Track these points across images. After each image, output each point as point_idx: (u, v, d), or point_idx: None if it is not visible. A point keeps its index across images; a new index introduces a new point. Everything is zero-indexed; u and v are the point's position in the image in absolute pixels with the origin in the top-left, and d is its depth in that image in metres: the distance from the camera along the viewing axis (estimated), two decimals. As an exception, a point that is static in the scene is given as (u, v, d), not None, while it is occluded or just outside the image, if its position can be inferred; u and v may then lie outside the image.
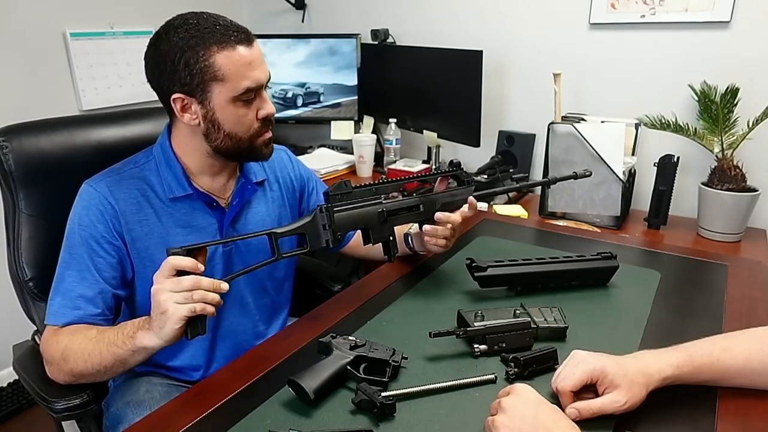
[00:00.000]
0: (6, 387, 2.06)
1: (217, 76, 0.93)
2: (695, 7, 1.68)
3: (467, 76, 1.94)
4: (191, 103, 0.96)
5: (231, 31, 0.94)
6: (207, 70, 0.93)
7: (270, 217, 1.15)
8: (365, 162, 2.26)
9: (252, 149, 1.02)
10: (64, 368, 0.91)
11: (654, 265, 1.22)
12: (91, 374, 0.91)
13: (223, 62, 0.93)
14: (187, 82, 0.94)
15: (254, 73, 0.96)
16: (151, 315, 0.84)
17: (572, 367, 0.75)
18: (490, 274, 1.06)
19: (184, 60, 0.93)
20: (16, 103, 1.94)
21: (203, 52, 0.92)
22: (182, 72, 0.93)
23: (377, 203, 1.06)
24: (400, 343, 0.90)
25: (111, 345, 0.88)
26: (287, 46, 2.39)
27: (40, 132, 1.15)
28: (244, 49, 0.95)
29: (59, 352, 0.91)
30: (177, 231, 1.03)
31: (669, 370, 0.74)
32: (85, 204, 0.99)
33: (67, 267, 0.96)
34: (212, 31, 0.93)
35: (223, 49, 0.93)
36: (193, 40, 0.92)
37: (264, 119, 1.01)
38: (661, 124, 1.65)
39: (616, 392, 0.72)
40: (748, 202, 1.55)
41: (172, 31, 0.94)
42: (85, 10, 2.12)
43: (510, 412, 0.67)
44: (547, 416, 0.67)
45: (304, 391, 0.76)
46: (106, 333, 0.90)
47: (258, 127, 1.01)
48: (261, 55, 0.98)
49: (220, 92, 0.95)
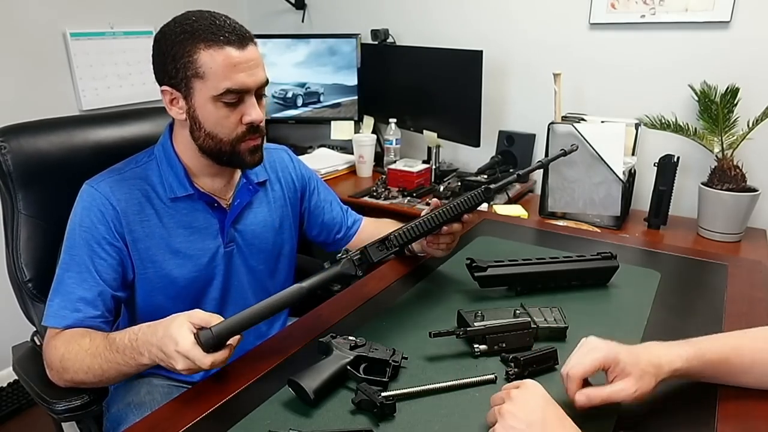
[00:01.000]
0: (6, 387, 2.06)
1: (198, 73, 0.92)
2: (695, 7, 1.68)
3: (467, 76, 1.94)
4: (178, 97, 0.97)
5: (223, 31, 0.92)
6: (190, 66, 0.92)
7: (271, 217, 1.15)
8: (365, 162, 2.26)
9: (234, 154, 0.99)
10: (64, 376, 0.91)
11: (654, 265, 1.22)
12: (93, 383, 0.91)
13: (205, 60, 0.92)
14: (173, 75, 0.94)
15: (239, 76, 0.93)
16: (157, 356, 0.81)
17: (584, 353, 0.74)
18: (490, 274, 1.06)
19: (172, 53, 0.93)
20: (16, 103, 1.94)
21: (189, 48, 0.92)
22: (170, 65, 0.94)
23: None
24: (400, 343, 0.90)
25: (111, 362, 0.86)
26: (287, 46, 2.39)
27: (38, 132, 1.15)
28: (233, 50, 0.92)
29: (58, 361, 0.90)
30: (178, 231, 1.03)
31: (679, 363, 0.74)
32: (86, 205, 0.98)
33: (67, 268, 0.96)
34: (205, 29, 0.92)
35: (209, 48, 0.91)
36: (184, 35, 0.92)
37: (249, 125, 0.98)
38: (661, 124, 1.65)
39: (626, 380, 0.71)
40: (748, 202, 1.55)
41: (171, 25, 0.95)
42: (85, 10, 2.12)
43: (519, 403, 0.66)
44: (554, 414, 0.67)
45: (304, 391, 0.76)
46: (99, 347, 0.87)
47: (242, 132, 0.98)
48: (255, 60, 0.95)
49: (201, 90, 0.94)
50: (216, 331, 0.80)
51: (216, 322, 0.81)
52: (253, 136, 1.00)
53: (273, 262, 1.17)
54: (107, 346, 0.87)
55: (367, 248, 0.95)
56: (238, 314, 0.83)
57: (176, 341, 0.78)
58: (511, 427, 0.65)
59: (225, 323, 0.81)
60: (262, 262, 1.15)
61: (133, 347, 0.84)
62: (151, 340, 0.82)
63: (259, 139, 1.01)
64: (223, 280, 1.09)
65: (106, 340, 0.88)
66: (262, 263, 1.15)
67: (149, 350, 0.82)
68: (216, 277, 1.08)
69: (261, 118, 0.99)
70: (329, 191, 1.31)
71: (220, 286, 1.09)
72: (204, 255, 1.05)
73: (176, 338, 0.78)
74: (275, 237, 1.16)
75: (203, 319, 0.81)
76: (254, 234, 1.12)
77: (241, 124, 0.97)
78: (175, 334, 0.79)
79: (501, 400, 0.69)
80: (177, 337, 0.79)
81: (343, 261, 0.93)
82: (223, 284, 1.09)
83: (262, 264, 1.15)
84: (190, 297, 1.06)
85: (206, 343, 0.79)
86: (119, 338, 0.86)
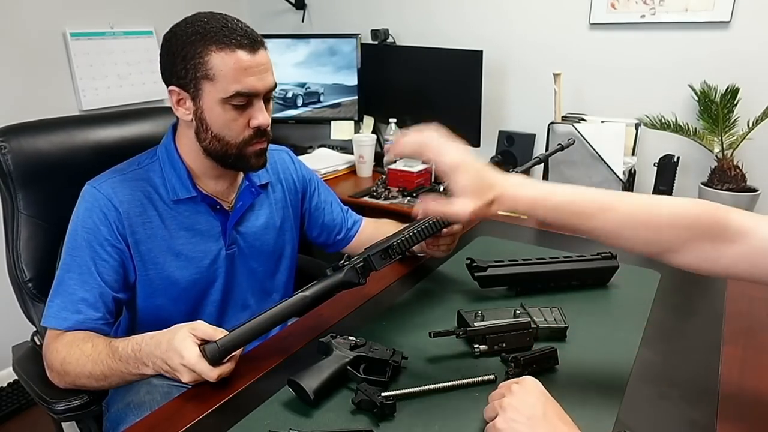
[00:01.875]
0: (6, 387, 2.06)
1: (208, 75, 0.93)
2: (695, 7, 1.68)
3: (467, 76, 1.94)
4: (185, 98, 0.96)
5: (236, 35, 0.93)
6: (200, 67, 0.92)
7: (273, 219, 1.15)
8: (365, 162, 2.26)
9: (240, 157, 1.00)
10: (65, 379, 0.91)
11: (654, 265, 1.22)
12: (93, 387, 0.91)
13: (216, 62, 0.92)
14: (182, 75, 0.94)
15: (249, 80, 0.93)
16: (162, 368, 0.82)
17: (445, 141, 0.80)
18: (490, 274, 1.06)
19: (182, 54, 0.93)
20: (16, 103, 1.94)
21: (201, 49, 0.92)
22: (179, 65, 0.94)
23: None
24: (400, 343, 0.90)
25: (114, 370, 0.86)
26: (287, 46, 2.39)
27: (38, 132, 1.15)
28: (244, 54, 0.93)
29: (59, 364, 0.90)
30: (180, 233, 1.03)
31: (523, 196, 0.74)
32: (88, 205, 0.98)
33: (69, 269, 0.95)
34: (217, 31, 0.92)
35: (221, 50, 0.92)
36: (196, 36, 0.92)
37: (257, 129, 0.98)
38: (661, 124, 1.65)
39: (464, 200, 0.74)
40: (748, 202, 1.55)
41: (182, 25, 0.95)
42: (85, 10, 2.12)
43: (520, 397, 0.67)
44: (554, 411, 0.67)
45: (304, 391, 0.76)
46: (102, 354, 0.87)
47: (249, 135, 0.98)
48: (265, 64, 0.96)
49: (210, 92, 0.94)
50: (222, 345, 0.80)
51: (219, 336, 0.81)
52: (260, 139, 1.00)
53: (274, 263, 1.17)
54: (110, 354, 0.86)
55: (370, 257, 0.95)
56: (242, 327, 0.83)
57: (181, 355, 0.79)
58: (512, 419, 0.65)
59: (230, 337, 0.81)
60: (263, 264, 1.15)
61: (137, 357, 0.84)
62: (155, 352, 0.82)
63: (265, 143, 1.02)
64: (224, 282, 1.09)
65: (108, 348, 0.87)
66: (263, 265, 1.15)
67: (153, 362, 0.82)
68: (217, 279, 1.08)
69: (268, 122, 0.99)
70: (330, 192, 1.31)
71: (221, 288, 1.09)
72: (206, 257, 1.05)
73: (181, 352, 0.79)
74: (276, 239, 1.16)
75: (207, 333, 0.81)
76: (256, 236, 1.12)
77: (248, 128, 0.98)
78: (180, 348, 0.79)
79: (500, 396, 0.69)
80: (182, 351, 0.79)
81: (345, 269, 0.93)
82: (224, 286, 1.09)
83: (263, 266, 1.15)
84: (191, 299, 1.06)
85: (212, 357, 0.79)
86: (122, 347, 0.86)
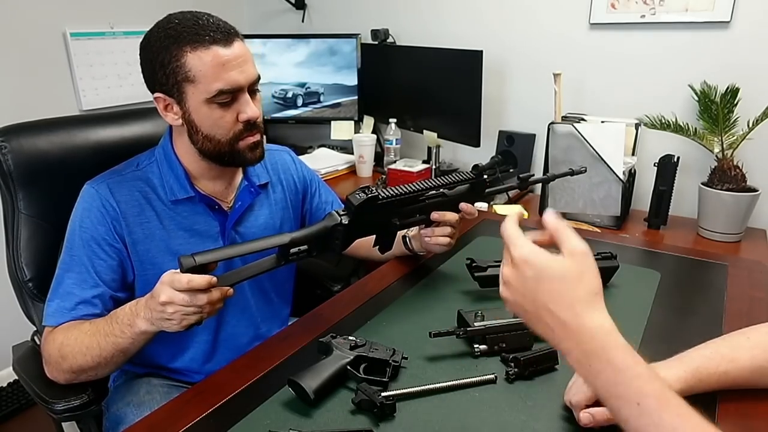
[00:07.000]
0: (6, 387, 2.06)
1: (188, 77, 0.91)
2: (695, 7, 1.68)
3: (467, 76, 1.94)
4: (171, 103, 0.96)
5: (208, 31, 0.90)
6: (179, 70, 0.91)
7: (273, 220, 1.15)
8: (365, 162, 2.26)
9: (234, 153, 0.99)
10: (63, 366, 0.91)
11: (654, 265, 1.22)
12: (91, 367, 0.90)
13: (194, 63, 0.90)
14: (163, 82, 0.93)
15: (229, 75, 0.91)
16: (150, 307, 0.83)
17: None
18: (490, 274, 1.06)
19: (159, 60, 0.92)
20: (16, 103, 1.94)
21: (176, 53, 0.90)
22: (159, 72, 0.93)
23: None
24: (400, 343, 0.89)
25: (108, 335, 0.87)
26: (287, 46, 2.39)
27: (39, 132, 1.15)
28: (220, 48, 0.91)
29: (56, 350, 0.90)
30: (179, 234, 1.03)
31: (677, 386, 0.73)
32: (86, 205, 0.98)
33: (67, 269, 0.96)
34: (188, 30, 0.90)
35: (196, 50, 0.90)
36: (169, 40, 0.91)
37: (246, 123, 0.96)
38: (661, 124, 1.65)
39: None
40: (748, 202, 1.55)
41: (155, 31, 0.93)
42: (85, 10, 2.12)
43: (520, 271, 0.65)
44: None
45: (304, 391, 0.76)
46: (99, 324, 0.89)
47: (239, 130, 0.97)
48: (243, 56, 0.93)
49: (193, 94, 0.93)
50: (199, 260, 0.80)
51: None
52: (251, 132, 0.99)
53: (273, 263, 1.17)
54: (107, 319, 0.90)
55: (348, 197, 0.94)
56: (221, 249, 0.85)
57: (161, 279, 0.81)
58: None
59: (207, 252, 0.82)
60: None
61: (132, 312, 0.86)
62: (145, 297, 0.85)
63: (257, 135, 1.00)
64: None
65: (107, 317, 0.90)
66: (263, 264, 1.14)
67: (145, 306, 0.84)
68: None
69: (257, 114, 0.97)
70: (330, 192, 1.31)
71: (220, 289, 1.09)
72: None
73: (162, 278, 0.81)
74: (276, 239, 1.15)
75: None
76: (255, 236, 1.11)
77: (237, 123, 0.96)
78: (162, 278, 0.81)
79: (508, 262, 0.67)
80: (162, 276, 0.81)
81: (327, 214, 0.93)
82: (223, 286, 1.09)
83: (263, 265, 1.14)
84: None
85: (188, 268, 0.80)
86: (120, 309, 0.89)
